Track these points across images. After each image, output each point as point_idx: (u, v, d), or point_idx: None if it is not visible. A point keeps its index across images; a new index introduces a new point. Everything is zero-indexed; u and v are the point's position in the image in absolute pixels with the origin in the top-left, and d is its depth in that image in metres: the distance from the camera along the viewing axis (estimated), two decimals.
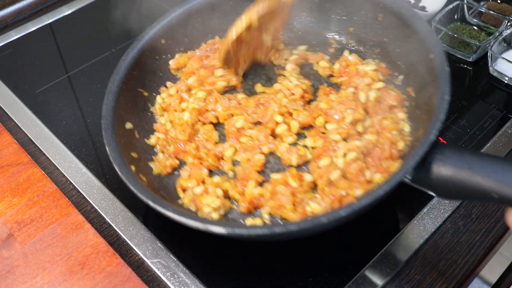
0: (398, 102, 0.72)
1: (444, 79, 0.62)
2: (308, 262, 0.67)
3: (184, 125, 0.75)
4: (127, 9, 1.02)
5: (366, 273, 0.65)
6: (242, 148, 0.73)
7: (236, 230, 0.56)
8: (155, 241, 0.69)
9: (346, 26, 0.84)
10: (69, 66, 1.01)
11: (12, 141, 0.85)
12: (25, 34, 1.10)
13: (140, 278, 0.65)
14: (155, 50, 0.82)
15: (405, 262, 0.66)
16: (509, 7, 0.98)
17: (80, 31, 1.11)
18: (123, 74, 0.76)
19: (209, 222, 0.57)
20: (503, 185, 0.49)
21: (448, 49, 0.95)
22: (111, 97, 0.73)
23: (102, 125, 0.69)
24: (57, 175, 0.80)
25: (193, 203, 0.68)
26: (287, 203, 0.64)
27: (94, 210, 0.75)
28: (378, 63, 0.79)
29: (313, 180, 0.67)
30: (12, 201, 0.75)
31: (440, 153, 0.54)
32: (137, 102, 0.79)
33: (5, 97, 0.95)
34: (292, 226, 0.53)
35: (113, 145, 0.67)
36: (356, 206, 0.53)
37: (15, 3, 1.13)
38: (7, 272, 0.67)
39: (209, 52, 0.84)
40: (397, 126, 0.69)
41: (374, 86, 0.75)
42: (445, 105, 0.59)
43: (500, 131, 0.81)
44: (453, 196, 0.54)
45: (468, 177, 0.51)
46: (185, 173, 0.71)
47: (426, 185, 0.55)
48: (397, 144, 0.67)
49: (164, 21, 0.83)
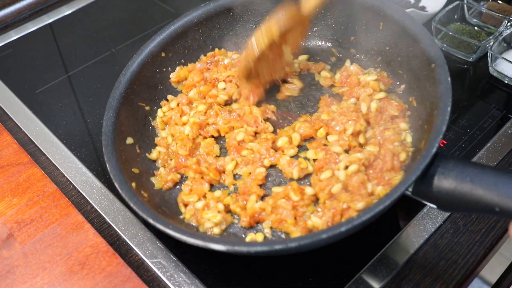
0: (400, 112, 0.72)
1: (446, 90, 0.62)
2: (308, 262, 0.67)
3: (185, 139, 0.75)
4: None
5: (367, 273, 0.65)
6: (243, 161, 0.73)
7: (236, 247, 0.56)
8: (155, 241, 0.69)
9: (347, 35, 0.84)
10: (69, 66, 1.01)
11: (12, 141, 0.85)
12: (25, 34, 1.10)
13: (140, 278, 0.65)
14: (155, 64, 0.82)
15: (405, 262, 0.66)
16: (509, 7, 0.98)
17: (80, 31, 1.11)
18: (123, 89, 0.76)
19: (209, 240, 0.57)
20: (505, 198, 0.48)
21: (448, 49, 0.95)
22: (111, 112, 0.72)
23: (103, 141, 0.69)
24: (57, 175, 0.80)
25: (195, 218, 0.68)
26: (289, 217, 0.64)
27: (94, 210, 0.75)
28: (380, 72, 0.79)
29: (314, 193, 0.66)
30: (12, 201, 0.75)
31: (441, 166, 0.54)
32: (138, 116, 0.78)
33: (5, 97, 0.95)
34: (292, 243, 0.53)
35: (113, 161, 0.66)
36: (356, 221, 0.53)
37: (15, 3, 1.13)
38: (7, 272, 0.67)
39: (209, 64, 0.85)
40: (399, 137, 0.68)
41: (375, 96, 0.74)
42: (446, 117, 0.59)
43: (500, 131, 0.80)
44: (454, 209, 0.54)
45: (469, 191, 0.51)
46: (186, 188, 0.71)
47: (427, 198, 0.55)
48: (399, 155, 0.66)
49: (164, 34, 0.83)
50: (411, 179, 0.54)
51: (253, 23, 0.88)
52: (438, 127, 0.58)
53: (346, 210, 0.62)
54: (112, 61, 1.01)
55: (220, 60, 0.85)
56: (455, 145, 0.79)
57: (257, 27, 0.87)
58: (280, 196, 0.66)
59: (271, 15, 0.72)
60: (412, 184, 0.55)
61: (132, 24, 1.12)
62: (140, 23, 1.11)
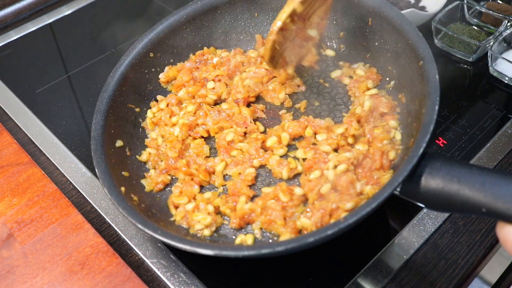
0: (390, 109, 0.72)
1: (434, 89, 0.61)
2: (308, 262, 0.67)
3: (175, 141, 0.75)
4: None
5: (366, 273, 0.65)
6: (233, 162, 0.73)
7: (224, 252, 0.56)
8: (155, 241, 0.69)
9: (336, 31, 0.83)
10: (69, 66, 1.01)
11: (12, 141, 0.85)
12: (25, 34, 1.10)
13: (140, 278, 0.65)
14: (144, 64, 0.81)
15: (404, 263, 0.66)
16: (509, 7, 0.98)
17: (80, 31, 1.11)
18: (111, 91, 0.75)
19: (196, 245, 0.58)
20: (492, 198, 0.48)
21: (448, 49, 0.95)
22: (99, 116, 0.72)
23: (92, 146, 0.69)
24: (57, 175, 0.80)
25: (185, 220, 0.68)
26: (278, 218, 0.64)
27: (94, 210, 0.75)
28: (369, 68, 0.79)
29: (303, 194, 0.66)
30: (12, 201, 0.75)
31: (429, 166, 0.54)
32: (127, 118, 0.78)
33: (5, 97, 0.95)
34: (279, 247, 0.54)
35: (102, 166, 0.66)
36: (343, 225, 0.54)
37: (15, 3, 1.13)
38: (7, 272, 0.67)
39: (198, 63, 0.84)
40: (388, 136, 0.68)
41: (368, 93, 0.75)
42: (434, 116, 0.58)
43: (500, 131, 0.80)
44: (442, 208, 0.54)
45: (456, 190, 0.51)
46: (176, 190, 0.71)
47: (415, 197, 0.55)
48: (388, 154, 0.66)
49: (152, 34, 0.82)
50: (398, 180, 0.54)
51: (242, 20, 0.87)
52: (426, 127, 0.58)
53: (335, 210, 0.62)
54: (112, 61, 1.01)
55: (209, 58, 0.84)
56: (455, 145, 0.79)
57: (245, 24, 0.87)
58: (269, 197, 0.66)
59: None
60: (400, 184, 0.55)
61: (132, 24, 1.12)
62: (140, 23, 1.11)
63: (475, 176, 0.50)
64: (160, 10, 1.15)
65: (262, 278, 0.66)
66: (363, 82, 0.77)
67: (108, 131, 0.71)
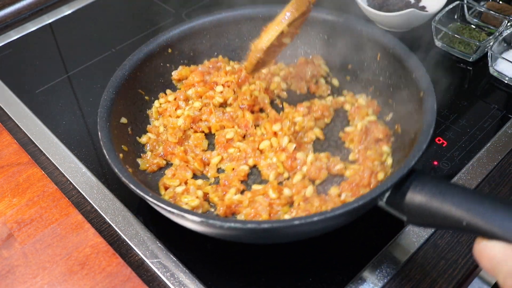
0: (385, 137, 0.74)
1: (431, 113, 0.64)
2: (308, 262, 0.67)
3: (176, 129, 0.78)
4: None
5: (366, 273, 0.65)
6: (228, 157, 0.76)
7: (210, 221, 0.56)
8: (155, 241, 0.69)
9: (345, 63, 0.85)
10: (69, 66, 1.01)
11: (12, 141, 0.85)
12: (25, 34, 1.10)
13: (140, 278, 0.65)
14: (161, 57, 0.85)
15: (405, 262, 0.66)
16: (509, 7, 0.98)
17: (80, 31, 1.11)
18: (127, 72, 0.79)
19: (184, 211, 0.58)
20: (472, 214, 0.51)
21: (448, 49, 0.95)
22: (111, 89, 0.75)
23: (99, 113, 0.71)
24: (57, 175, 0.80)
25: (173, 200, 0.70)
26: (264, 212, 0.66)
27: (94, 210, 0.75)
28: (370, 100, 0.81)
29: (291, 195, 0.69)
30: (12, 201, 0.75)
31: (416, 181, 0.57)
32: (135, 102, 0.81)
33: (5, 97, 0.95)
34: (265, 224, 0.55)
35: (105, 131, 0.69)
36: (329, 214, 0.55)
37: (15, 3, 1.13)
38: (7, 272, 0.67)
39: (211, 69, 0.87)
40: (379, 158, 0.71)
41: (366, 119, 0.77)
42: (429, 137, 0.61)
43: (500, 131, 0.81)
44: (424, 223, 0.56)
45: (439, 205, 0.53)
46: (170, 172, 0.74)
47: (399, 209, 0.58)
48: (378, 174, 0.68)
49: (175, 31, 0.85)
50: (386, 186, 0.57)
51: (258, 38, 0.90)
52: (420, 144, 0.61)
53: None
54: (112, 61, 1.01)
55: (222, 67, 0.87)
56: (455, 145, 0.79)
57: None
58: (259, 193, 0.69)
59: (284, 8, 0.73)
60: (387, 192, 0.58)
61: (132, 24, 1.12)
62: (140, 23, 1.11)
63: (459, 193, 0.53)
64: (160, 10, 1.15)
65: (262, 278, 0.66)
66: (363, 109, 0.79)
67: (116, 106, 0.75)
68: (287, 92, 0.86)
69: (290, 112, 0.80)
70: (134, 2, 1.19)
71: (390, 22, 0.97)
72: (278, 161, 0.73)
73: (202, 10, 1.13)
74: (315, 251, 0.67)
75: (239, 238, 0.63)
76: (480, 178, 0.75)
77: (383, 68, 0.79)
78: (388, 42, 0.77)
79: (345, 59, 0.85)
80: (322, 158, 0.73)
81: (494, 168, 0.76)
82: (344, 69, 0.86)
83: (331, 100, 0.82)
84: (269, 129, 0.77)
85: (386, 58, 0.78)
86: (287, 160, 0.72)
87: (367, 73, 0.82)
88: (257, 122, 0.80)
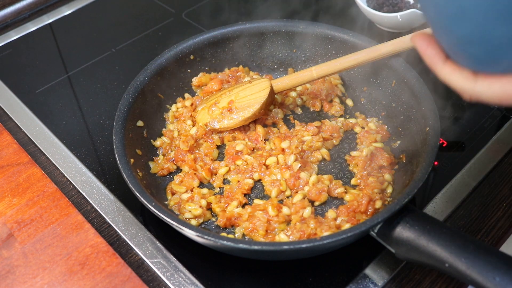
0: (389, 164, 0.75)
1: (432, 153, 0.66)
2: (308, 262, 0.67)
3: (189, 136, 0.80)
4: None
5: (366, 272, 0.65)
6: (235, 169, 0.77)
7: (205, 236, 0.60)
8: (155, 241, 0.69)
9: (362, 85, 0.86)
10: (69, 66, 1.01)
11: (12, 141, 0.85)
12: (25, 34, 1.10)
13: (140, 278, 0.65)
14: (183, 63, 0.87)
15: (405, 262, 0.66)
16: None
17: (80, 31, 1.11)
18: (147, 76, 0.81)
19: (183, 224, 0.62)
20: (455, 257, 0.53)
21: None
22: (130, 93, 0.78)
23: (116, 116, 0.74)
24: (57, 175, 0.80)
25: (177, 207, 0.73)
26: (261, 228, 0.68)
27: (94, 210, 0.75)
28: (381, 125, 0.81)
29: (289, 214, 0.70)
30: (12, 201, 0.75)
31: (407, 218, 0.59)
32: (153, 105, 0.83)
33: (5, 97, 0.95)
34: (255, 246, 0.59)
35: (120, 135, 0.72)
36: (318, 242, 0.58)
37: (15, 3, 1.13)
38: (7, 272, 0.67)
39: (231, 78, 0.88)
40: (380, 186, 0.71)
41: (374, 145, 0.78)
42: (426, 175, 0.63)
43: (500, 131, 0.81)
44: (410, 259, 0.58)
45: (426, 243, 0.56)
46: (178, 179, 0.76)
47: (389, 242, 0.60)
48: (376, 202, 0.69)
49: (197, 38, 0.87)
50: (378, 220, 0.59)
51: (281, 51, 0.92)
52: (416, 182, 0.63)
53: (313, 235, 0.66)
54: (112, 61, 1.01)
55: (242, 76, 0.89)
56: (455, 145, 0.80)
57: (283, 55, 0.92)
58: (259, 208, 0.70)
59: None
60: (379, 225, 0.60)
61: (132, 24, 1.12)
62: (140, 23, 1.11)
63: (444, 235, 0.56)
64: (160, 10, 1.15)
65: (262, 279, 0.66)
66: (372, 134, 0.79)
67: (133, 109, 0.78)
68: (301, 108, 0.87)
69: (300, 130, 0.80)
70: (134, 2, 1.19)
71: (390, 22, 0.97)
72: (282, 178, 0.74)
73: (202, 10, 1.13)
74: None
75: (233, 253, 0.66)
76: (480, 178, 0.75)
77: (397, 94, 0.80)
78: (404, 71, 0.77)
79: (362, 82, 0.86)
80: (324, 181, 0.73)
81: (494, 168, 0.76)
82: (360, 91, 0.87)
83: (342, 122, 0.83)
84: (278, 145, 0.78)
85: (401, 85, 0.78)
86: (290, 178, 0.73)
87: (381, 97, 0.83)
88: (267, 136, 0.82)
